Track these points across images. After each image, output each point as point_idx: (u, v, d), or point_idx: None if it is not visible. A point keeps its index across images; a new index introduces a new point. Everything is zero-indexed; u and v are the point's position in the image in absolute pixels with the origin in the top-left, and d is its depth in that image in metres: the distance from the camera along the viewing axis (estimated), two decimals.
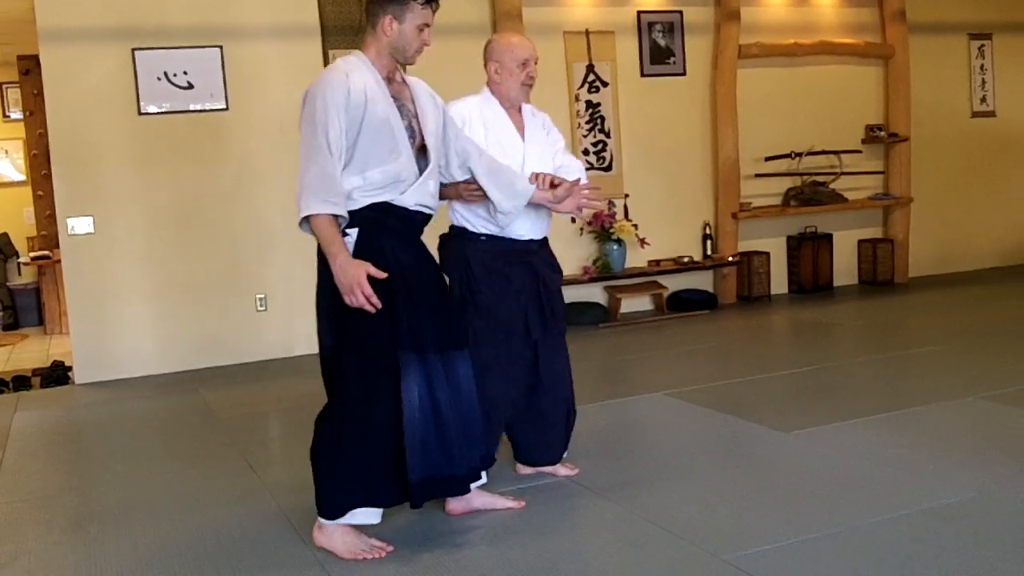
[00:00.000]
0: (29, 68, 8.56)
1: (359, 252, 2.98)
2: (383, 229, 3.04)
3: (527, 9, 7.04)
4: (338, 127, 2.93)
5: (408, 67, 3.21)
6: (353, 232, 3.00)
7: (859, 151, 8.43)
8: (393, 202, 3.05)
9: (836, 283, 8.43)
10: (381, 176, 3.01)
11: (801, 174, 8.17)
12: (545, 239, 3.71)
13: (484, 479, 3.43)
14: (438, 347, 3.07)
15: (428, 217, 3.19)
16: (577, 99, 7.36)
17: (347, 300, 2.91)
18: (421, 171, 3.11)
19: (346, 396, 3.05)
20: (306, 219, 2.92)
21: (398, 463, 3.00)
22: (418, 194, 3.09)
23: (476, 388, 3.20)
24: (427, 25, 3.10)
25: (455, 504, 3.38)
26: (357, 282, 2.88)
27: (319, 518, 3.11)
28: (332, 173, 2.90)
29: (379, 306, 2.91)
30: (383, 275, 2.93)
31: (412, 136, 3.11)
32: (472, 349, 3.24)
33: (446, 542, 3.17)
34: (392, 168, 3.02)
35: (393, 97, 3.08)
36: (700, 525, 3.19)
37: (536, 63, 3.63)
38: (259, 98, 6.57)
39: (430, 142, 3.16)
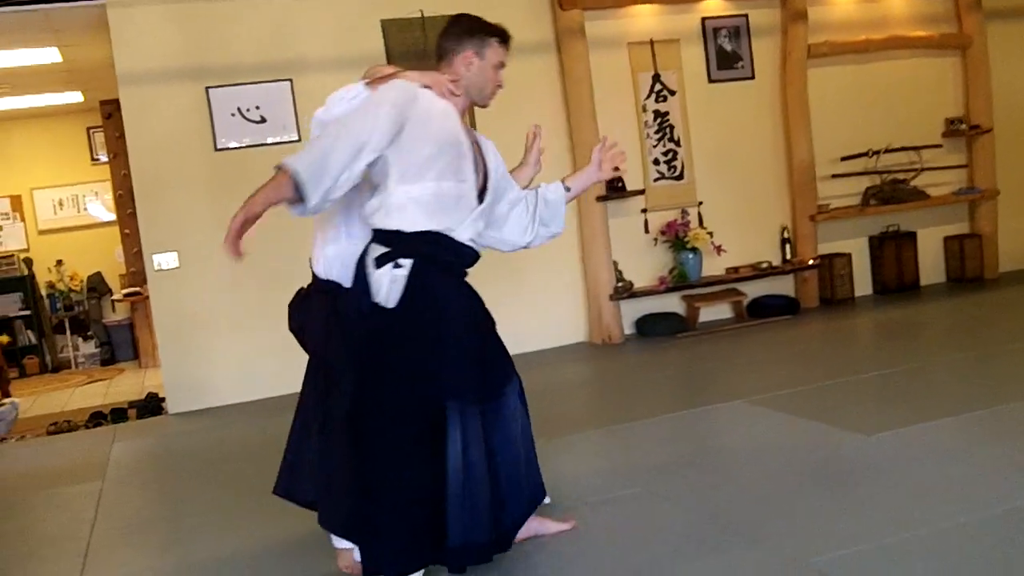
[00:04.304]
0: (111, 112, 8.91)
1: (410, 288, 2.79)
2: (436, 264, 2.86)
3: (590, 23, 7.04)
4: (385, 129, 2.72)
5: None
6: (407, 263, 2.80)
7: (939, 146, 8.20)
8: (448, 233, 2.86)
9: (922, 282, 8.18)
10: (436, 188, 2.80)
11: (880, 172, 7.99)
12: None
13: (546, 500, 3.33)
14: (480, 396, 2.87)
15: (477, 257, 3.03)
16: (644, 109, 7.33)
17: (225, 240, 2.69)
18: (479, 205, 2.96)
19: (380, 456, 2.79)
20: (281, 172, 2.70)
21: (432, 523, 2.78)
22: (472, 229, 2.93)
23: (524, 424, 3.09)
24: (503, 64, 2.98)
25: None
26: (236, 227, 2.67)
27: None
28: (329, 163, 2.68)
29: (240, 255, 2.71)
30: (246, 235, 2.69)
31: (477, 170, 2.94)
32: None
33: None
34: (453, 187, 2.84)
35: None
36: (781, 530, 3.14)
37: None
38: None
39: (491, 183, 3.01)
